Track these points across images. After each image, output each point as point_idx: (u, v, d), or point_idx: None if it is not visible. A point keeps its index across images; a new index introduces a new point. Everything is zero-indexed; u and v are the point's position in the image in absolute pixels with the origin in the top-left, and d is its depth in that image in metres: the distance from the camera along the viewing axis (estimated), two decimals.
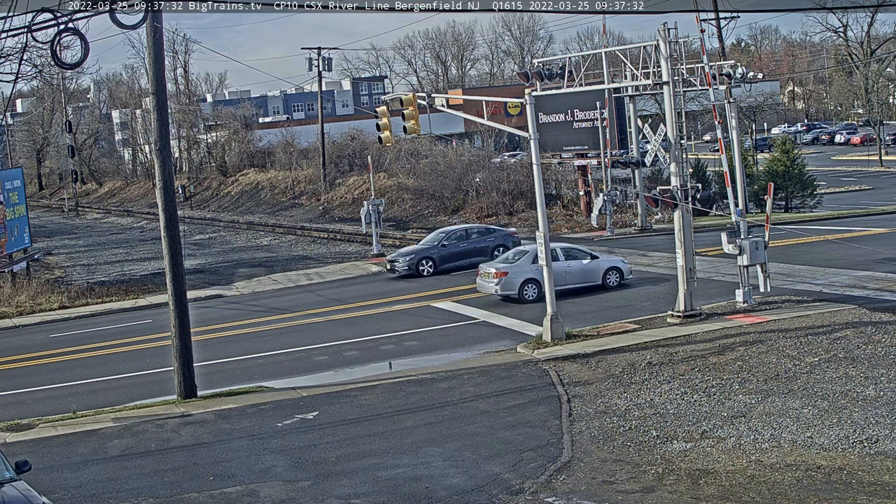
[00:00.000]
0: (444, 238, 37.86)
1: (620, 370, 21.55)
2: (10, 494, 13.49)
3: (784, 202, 50.43)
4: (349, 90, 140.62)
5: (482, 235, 37.95)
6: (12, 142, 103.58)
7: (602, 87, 31.62)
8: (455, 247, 37.34)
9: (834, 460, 15.49)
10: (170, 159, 22.46)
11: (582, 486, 15.32)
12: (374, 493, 15.63)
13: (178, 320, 22.31)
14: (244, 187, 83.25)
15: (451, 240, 37.64)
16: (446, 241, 37.58)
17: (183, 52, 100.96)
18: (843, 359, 20.79)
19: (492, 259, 34.03)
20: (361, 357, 25.31)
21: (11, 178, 42.34)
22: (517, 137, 65.98)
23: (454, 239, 37.73)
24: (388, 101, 29.33)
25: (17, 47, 37.61)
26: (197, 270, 44.56)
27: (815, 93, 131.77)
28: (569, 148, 46.64)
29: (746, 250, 25.61)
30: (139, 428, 20.07)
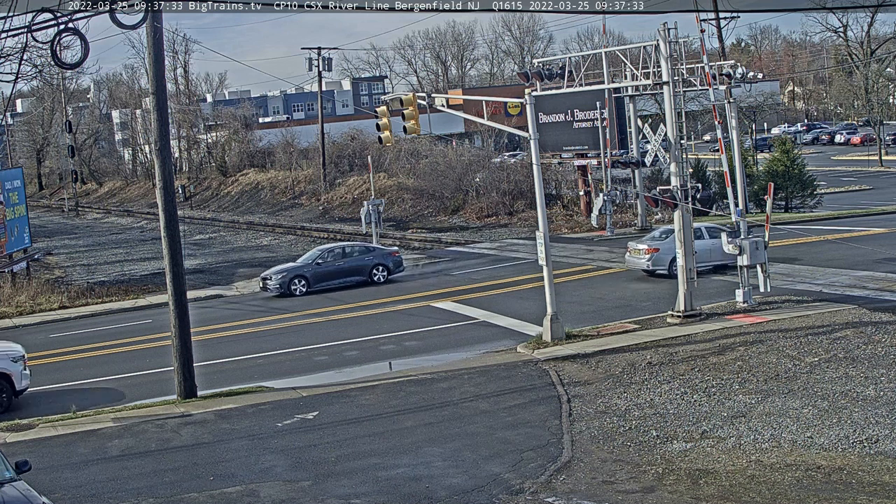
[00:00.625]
0: (320, 256, 36.29)
1: (620, 370, 21.55)
2: (10, 494, 13.49)
3: (784, 202, 50.42)
4: (349, 90, 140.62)
5: (361, 254, 36.60)
6: (12, 142, 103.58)
7: (602, 87, 31.64)
8: (331, 265, 35.93)
9: (834, 460, 15.49)
10: (170, 159, 22.46)
11: (582, 486, 15.32)
12: (374, 493, 15.63)
13: (178, 320, 22.31)
14: (244, 187, 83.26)
15: (328, 258, 36.12)
16: (321, 259, 36.03)
17: (183, 52, 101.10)
18: (843, 359, 20.79)
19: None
20: (361, 357, 25.31)
21: (11, 178, 42.34)
22: (517, 137, 65.99)
23: (331, 257, 36.26)
24: (388, 101, 29.34)
25: (17, 47, 37.64)
26: (197, 270, 44.57)
27: (815, 93, 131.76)
28: (569, 148, 46.64)
29: (746, 250, 25.62)
30: (139, 428, 20.07)
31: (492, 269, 37.70)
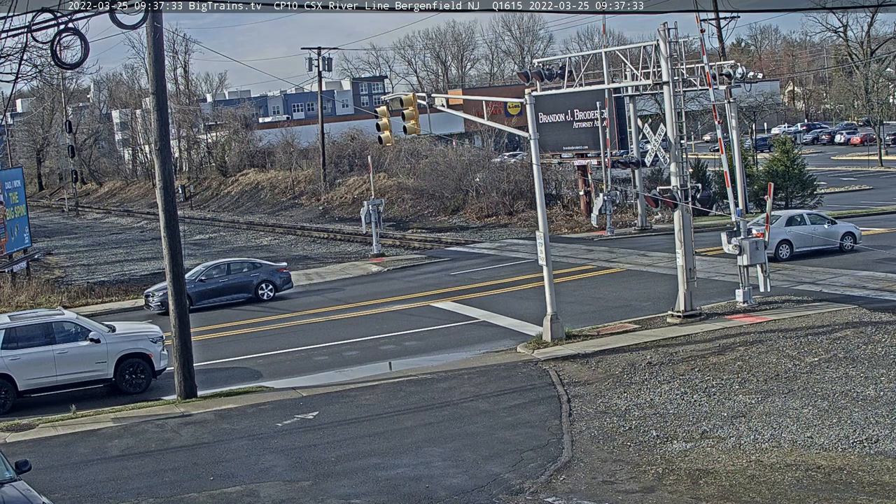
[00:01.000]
0: (204, 272, 34.59)
1: (620, 370, 21.55)
2: (10, 494, 13.49)
3: (784, 202, 50.38)
4: (349, 90, 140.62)
5: (247, 270, 34.97)
6: (12, 142, 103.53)
7: (602, 87, 31.62)
8: (215, 282, 34.25)
9: (834, 460, 15.49)
10: (170, 159, 22.46)
11: (582, 486, 15.32)
12: (374, 493, 15.63)
13: (178, 320, 22.31)
14: (244, 187, 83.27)
15: (213, 274, 34.48)
16: (205, 275, 34.32)
17: (183, 52, 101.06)
18: (843, 359, 20.79)
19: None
20: (361, 357, 25.31)
21: (11, 178, 42.34)
22: (517, 137, 65.98)
23: (216, 273, 34.61)
24: (388, 101, 29.32)
25: (17, 47, 37.62)
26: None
27: (815, 93, 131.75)
28: (569, 148, 46.64)
29: (746, 250, 25.62)
30: (139, 428, 20.07)
31: (492, 269, 37.71)
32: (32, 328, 23.12)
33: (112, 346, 23.40)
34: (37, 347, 22.80)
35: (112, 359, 23.36)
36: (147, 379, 23.75)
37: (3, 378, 22.51)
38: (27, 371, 22.59)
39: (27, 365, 22.57)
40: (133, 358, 23.59)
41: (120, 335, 23.84)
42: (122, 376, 23.51)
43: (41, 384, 22.88)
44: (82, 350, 23.04)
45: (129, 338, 23.86)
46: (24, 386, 22.74)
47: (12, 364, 22.50)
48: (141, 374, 23.68)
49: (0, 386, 22.50)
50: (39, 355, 22.69)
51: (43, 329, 23.01)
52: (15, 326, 22.98)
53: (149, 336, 24.04)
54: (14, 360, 22.54)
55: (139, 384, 23.63)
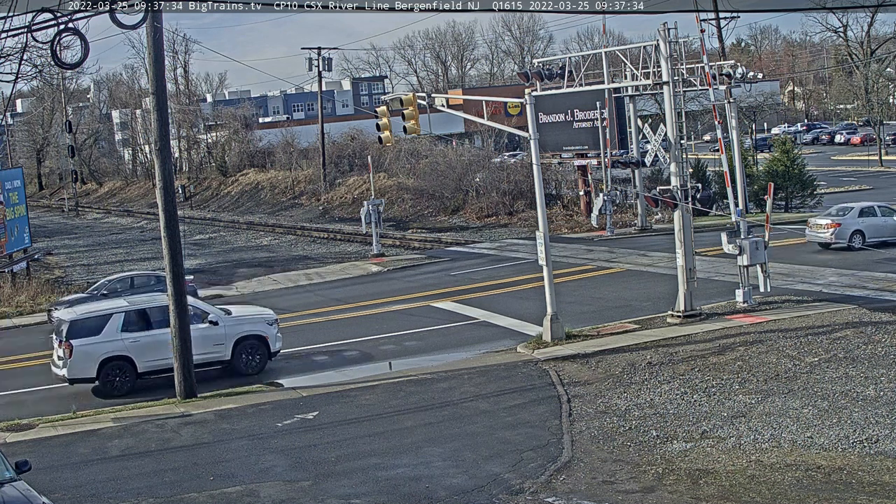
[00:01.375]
0: (107, 286, 33.02)
1: (620, 370, 21.55)
2: (10, 494, 13.49)
3: (784, 202, 50.40)
4: (349, 90, 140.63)
5: (152, 285, 32.91)
6: (12, 142, 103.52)
7: (602, 87, 31.62)
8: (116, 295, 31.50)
9: (834, 460, 15.49)
10: (170, 159, 22.46)
11: (582, 486, 15.32)
12: (374, 493, 15.63)
13: (178, 320, 22.30)
14: (244, 187, 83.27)
15: (116, 288, 32.74)
16: (108, 289, 32.64)
17: (183, 52, 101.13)
18: (843, 359, 20.79)
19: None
20: (361, 357, 25.31)
21: (11, 178, 42.34)
22: (517, 137, 65.97)
23: (119, 287, 32.82)
24: (388, 101, 29.32)
25: (17, 47, 37.66)
26: (197, 270, 44.54)
27: (815, 93, 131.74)
28: (569, 148, 46.63)
29: (746, 250, 25.61)
30: (139, 428, 20.07)
31: (492, 269, 37.70)
32: (152, 311, 23.78)
33: (230, 328, 24.12)
34: (156, 330, 23.36)
35: (230, 341, 24.06)
36: (263, 360, 24.37)
37: (124, 360, 23.22)
38: (147, 353, 23.25)
39: (147, 347, 23.22)
40: (250, 340, 24.25)
41: (237, 318, 24.59)
42: (240, 357, 24.16)
43: (160, 366, 23.38)
44: (201, 332, 23.55)
45: (246, 320, 24.61)
46: (144, 368, 23.42)
47: (132, 346, 23.22)
48: (257, 356, 24.31)
49: (121, 368, 23.21)
50: (159, 338, 23.19)
51: (162, 312, 23.33)
52: (134, 310, 23.67)
53: (264, 319, 24.75)
54: (134, 342, 23.24)
55: (255, 365, 24.26)
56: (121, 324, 23.31)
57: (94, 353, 22.93)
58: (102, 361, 23.01)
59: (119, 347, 23.13)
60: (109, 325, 23.23)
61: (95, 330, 23.14)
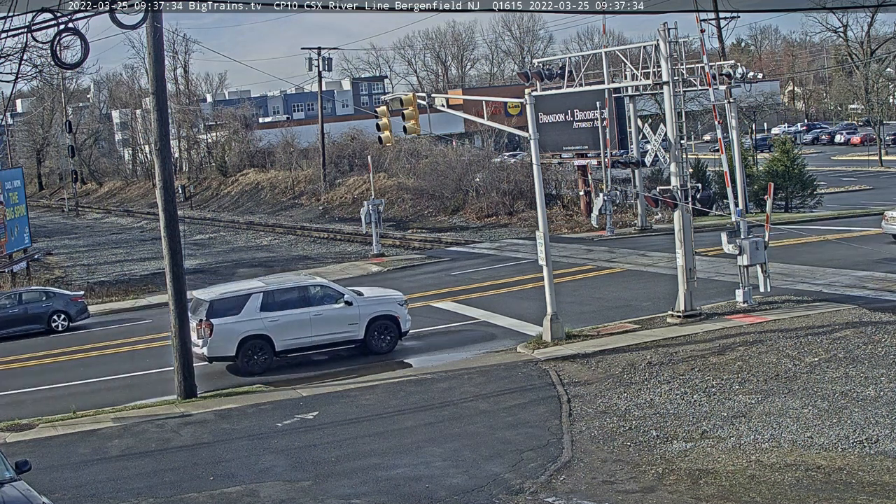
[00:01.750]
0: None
1: (620, 370, 21.55)
2: (10, 494, 13.50)
3: (784, 202, 50.41)
4: (349, 90, 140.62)
5: (39, 300, 32.40)
6: (12, 142, 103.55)
7: (602, 87, 31.61)
8: (5, 312, 32.09)
9: (834, 460, 15.48)
10: (170, 159, 22.47)
11: (582, 486, 15.32)
12: (374, 493, 15.63)
13: (178, 320, 22.32)
14: (244, 187, 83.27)
15: (3, 304, 32.21)
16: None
17: (183, 52, 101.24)
18: (843, 359, 20.78)
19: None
20: (361, 356, 25.29)
21: (11, 178, 42.37)
22: (517, 137, 65.96)
23: (7, 303, 32.26)
24: (388, 101, 29.31)
25: (17, 47, 37.65)
26: (197, 270, 44.58)
27: (815, 93, 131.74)
28: (569, 148, 46.62)
29: (746, 250, 25.60)
30: (139, 428, 20.08)
31: (492, 269, 37.69)
32: (289, 291, 24.80)
33: (363, 308, 24.94)
34: (294, 310, 24.35)
35: (363, 321, 24.88)
36: (394, 339, 25.23)
37: (263, 339, 24.11)
38: (284, 332, 24.15)
39: (284, 326, 24.13)
40: (382, 320, 25.10)
41: (369, 298, 25.48)
42: (372, 337, 25.02)
43: (297, 345, 24.45)
44: (337, 312, 24.59)
45: (379, 301, 25.52)
46: (281, 346, 24.29)
47: (271, 325, 24.09)
48: (389, 335, 25.18)
49: (260, 347, 24.11)
50: (296, 317, 24.24)
51: (299, 292, 24.67)
52: (272, 290, 24.54)
53: (395, 300, 25.70)
54: (273, 321, 24.12)
55: (387, 344, 25.13)
56: (259, 304, 24.17)
57: (234, 332, 23.85)
58: (242, 340, 23.90)
59: (258, 327, 24.01)
60: (249, 305, 24.13)
61: (235, 309, 24.05)
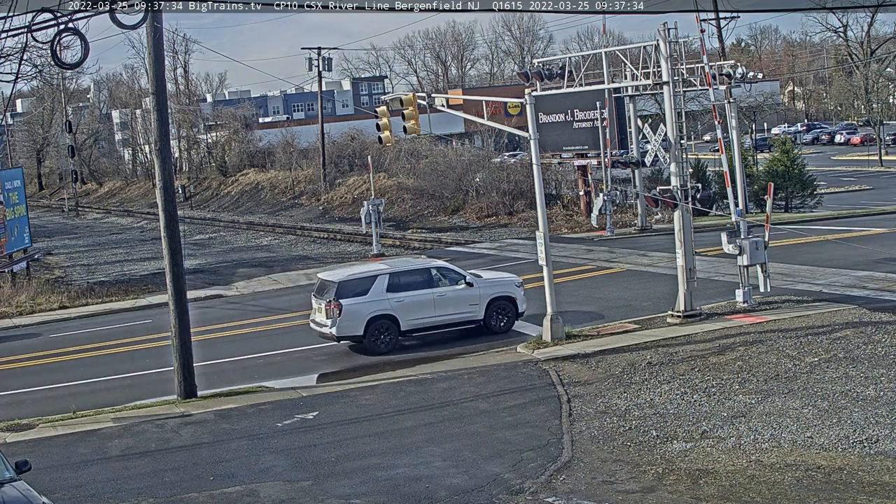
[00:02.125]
0: None
1: (620, 370, 21.55)
2: (10, 494, 13.49)
3: (784, 202, 50.41)
4: (349, 90, 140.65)
5: None
6: (12, 142, 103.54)
7: (602, 87, 31.60)
8: None
9: (834, 460, 15.48)
10: (170, 159, 22.46)
11: (582, 486, 15.32)
12: (374, 493, 15.63)
13: (178, 320, 22.31)
14: (244, 187, 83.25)
15: None
16: None
17: (183, 52, 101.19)
18: (843, 359, 20.78)
19: None
20: (361, 356, 25.29)
21: (11, 178, 42.34)
22: (517, 137, 65.95)
23: None
24: (388, 101, 29.30)
25: (17, 47, 37.63)
26: (197, 270, 44.56)
27: (815, 93, 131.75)
28: (569, 148, 46.61)
29: (746, 250, 25.61)
30: (139, 428, 20.07)
31: None
32: (413, 273, 25.81)
33: (483, 289, 25.93)
34: (418, 291, 25.33)
35: (483, 301, 25.85)
36: (512, 320, 26.23)
37: (389, 319, 25.08)
38: (409, 312, 25.08)
39: (410, 307, 25.05)
40: (501, 301, 26.10)
41: (489, 280, 26.51)
42: (491, 317, 26.02)
43: (421, 324, 25.44)
44: (459, 293, 25.65)
45: (498, 282, 26.59)
46: (407, 326, 25.25)
47: (397, 306, 25.05)
48: (507, 315, 26.18)
49: (386, 327, 25.07)
50: (421, 298, 25.25)
51: (423, 274, 25.65)
52: (398, 272, 25.54)
53: (513, 282, 26.74)
54: (398, 302, 25.07)
55: (505, 324, 26.15)
56: (386, 285, 25.10)
57: (361, 312, 24.80)
58: (370, 320, 24.83)
59: (385, 307, 24.95)
60: (375, 286, 25.06)
61: (362, 291, 24.98)
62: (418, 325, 25.37)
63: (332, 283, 25.24)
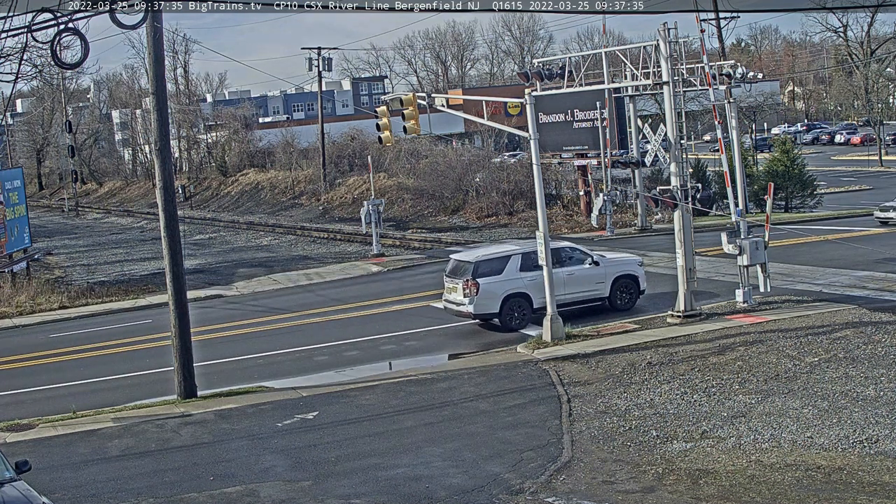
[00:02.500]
0: None
1: (620, 370, 21.55)
2: (10, 494, 13.50)
3: (784, 202, 50.42)
4: (349, 90, 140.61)
5: None
6: (12, 142, 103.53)
7: (602, 87, 31.58)
8: None
9: (834, 460, 15.48)
10: (170, 159, 22.46)
11: (582, 486, 15.32)
12: (374, 493, 15.63)
13: (178, 320, 22.31)
14: (244, 187, 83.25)
15: None
16: None
17: (183, 52, 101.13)
18: (843, 359, 20.78)
19: None
20: (361, 357, 25.31)
21: (11, 178, 42.33)
22: (517, 137, 65.96)
23: None
24: (388, 101, 29.29)
25: (17, 47, 37.64)
26: (197, 270, 44.56)
27: (815, 93, 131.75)
28: (569, 148, 46.62)
29: (746, 250, 25.61)
30: (139, 428, 20.07)
31: None
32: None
33: (609, 268, 27.16)
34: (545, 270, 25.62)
35: (609, 280, 27.11)
36: (634, 297, 27.35)
37: (522, 297, 26.27)
38: (541, 290, 25.34)
39: (541, 285, 25.23)
40: (625, 279, 27.25)
41: (613, 259, 27.63)
42: (616, 295, 27.24)
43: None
44: (587, 272, 26.85)
45: (621, 262, 27.73)
46: (539, 304, 25.91)
47: (530, 284, 26.11)
48: (630, 293, 27.31)
49: (520, 305, 26.30)
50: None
51: (553, 254, 25.66)
52: (529, 252, 26.27)
53: (636, 261, 27.92)
54: (531, 280, 26.05)
55: (628, 302, 27.27)
56: (519, 264, 26.28)
57: (497, 291, 26.06)
58: (504, 298, 26.06)
59: (519, 285, 26.18)
60: (510, 266, 26.28)
61: (497, 270, 26.21)
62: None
63: (468, 264, 26.38)
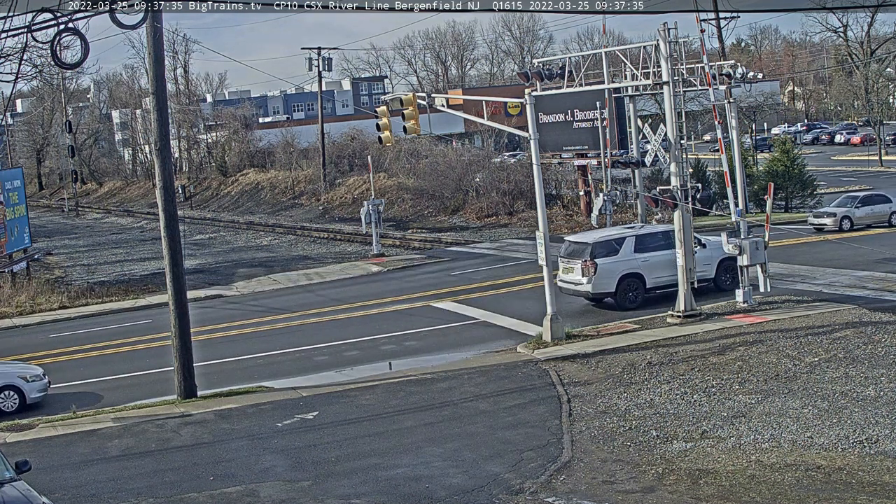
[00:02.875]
0: None
1: (620, 370, 21.55)
2: (10, 494, 13.50)
3: (784, 202, 50.38)
4: (349, 90, 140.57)
5: None
6: (12, 142, 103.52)
7: (602, 87, 31.52)
8: None
9: (834, 460, 15.48)
10: (170, 159, 22.47)
11: (582, 486, 15.32)
12: (374, 493, 15.63)
13: (178, 320, 22.32)
14: (244, 187, 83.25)
15: None
16: None
17: (183, 52, 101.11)
18: (843, 359, 20.78)
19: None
20: (361, 357, 25.31)
21: (11, 178, 42.34)
22: (517, 137, 65.93)
23: None
24: (388, 101, 29.29)
25: (17, 47, 37.64)
26: (197, 270, 44.56)
27: (815, 93, 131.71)
28: (569, 148, 46.61)
29: (746, 250, 25.61)
30: (139, 428, 20.07)
31: (492, 269, 37.70)
32: (655, 236, 27.80)
33: (715, 251, 27.79)
34: (661, 252, 27.20)
35: (714, 262, 28.08)
36: (736, 280, 27.04)
37: (636, 277, 27.40)
38: (654, 271, 27.17)
39: (654, 266, 27.11)
40: (728, 261, 27.76)
41: (717, 243, 27.62)
42: (720, 277, 28.23)
43: (663, 282, 27.28)
44: (696, 254, 26.91)
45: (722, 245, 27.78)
46: (651, 283, 27.40)
47: (644, 265, 27.34)
48: (733, 276, 27.58)
49: (634, 285, 27.40)
50: (663, 258, 26.99)
51: (663, 236, 27.27)
52: (642, 234, 27.68)
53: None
54: (645, 261, 27.34)
55: (731, 283, 27.55)
56: (633, 246, 27.36)
57: (614, 271, 27.17)
58: (621, 278, 27.15)
59: (633, 266, 27.30)
60: (625, 247, 27.38)
61: (613, 251, 27.34)
62: (661, 282, 27.28)
63: (585, 245, 27.44)
